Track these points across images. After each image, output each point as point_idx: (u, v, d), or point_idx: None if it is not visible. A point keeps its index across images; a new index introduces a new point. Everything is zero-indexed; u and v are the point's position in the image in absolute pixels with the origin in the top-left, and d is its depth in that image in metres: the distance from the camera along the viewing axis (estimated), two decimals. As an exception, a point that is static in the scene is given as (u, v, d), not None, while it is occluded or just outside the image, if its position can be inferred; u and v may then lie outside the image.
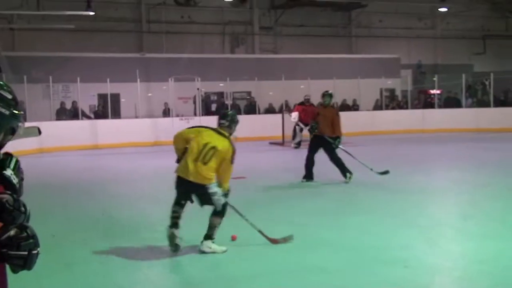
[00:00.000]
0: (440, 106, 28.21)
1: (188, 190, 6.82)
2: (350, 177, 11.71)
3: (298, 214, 9.01)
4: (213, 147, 6.65)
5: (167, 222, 6.91)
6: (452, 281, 5.68)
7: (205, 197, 6.73)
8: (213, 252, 6.64)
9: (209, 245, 6.66)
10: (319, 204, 9.84)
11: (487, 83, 28.07)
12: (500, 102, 27.74)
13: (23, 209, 2.75)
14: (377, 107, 28.33)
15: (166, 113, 25.05)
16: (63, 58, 24.08)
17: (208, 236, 6.69)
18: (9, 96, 2.51)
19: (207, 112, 24.94)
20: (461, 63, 33.36)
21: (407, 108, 28.18)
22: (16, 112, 2.53)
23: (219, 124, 7.01)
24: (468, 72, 31.25)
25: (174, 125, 23.13)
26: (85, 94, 23.74)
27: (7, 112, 2.48)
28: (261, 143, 21.27)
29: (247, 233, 7.66)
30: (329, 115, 12.12)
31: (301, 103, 20.38)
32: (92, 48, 25.85)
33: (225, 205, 6.73)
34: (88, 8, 23.81)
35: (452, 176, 12.98)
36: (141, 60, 26.25)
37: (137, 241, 7.49)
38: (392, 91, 30.48)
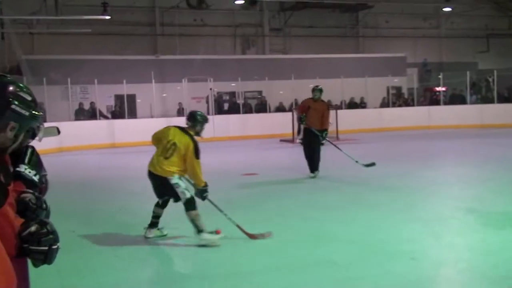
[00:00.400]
0: (445, 103, 28.08)
1: (156, 183, 7.26)
2: (316, 175, 11.89)
3: (308, 209, 9.02)
4: (174, 143, 7.04)
5: (183, 218, 6.95)
6: (457, 273, 5.67)
7: (169, 190, 7.01)
8: (213, 243, 6.76)
9: (203, 237, 6.78)
10: (327, 199, 9.84)
11: (491, 80, 27.92)
12: (504, 99, 27.63)
13: (44, 206, 2.78)
14: (384, 104, 28.28)
15: (180, 112, 25.08)
16: (81, 61, 24.19)
17: (198, 231, 6.80)
18: (29, 98, 2.54)
19: (219, 111, 24.97)
20: (465, 61, 33.16)
21: (413, 105, 28.10)
22: (36, 113, 2.56)
23: (186, 124, 7.35)
24: (473, 70, 31.04)
25: (188, 124, 23.21)
26: (103, 95, 23.86)
27: (27, 113, 2.50)
28: (272, 141, 21.28)
29: (258, 228, 7.69)
30: (320, 108, 12.15)
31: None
32: (109, 51, 25.98)
33: (190, 199, 6.87)
34: (105, 12, 23.89)
35: (456, 171, 12.94)
36: (155, 62, 26.31)
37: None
38: (398, 89, 30.39)
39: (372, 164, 12.04)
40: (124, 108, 23.64)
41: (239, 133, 22.26)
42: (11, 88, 2.50)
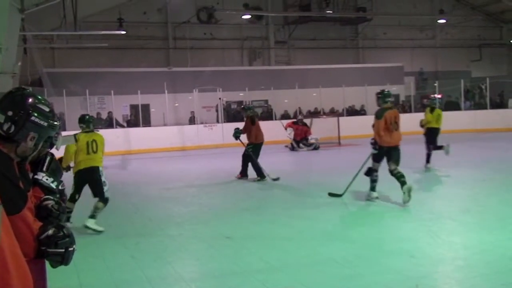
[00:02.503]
0: (441, 109, 27.94)
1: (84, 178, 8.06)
2: (260, 180, 12.49)
3: (311, 210, 8.97)
4: (94, 140, 8.15)
5: (194, 220, 6.94)
6: (454, 270, 5.62)
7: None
8: (94, 230, 7.65)
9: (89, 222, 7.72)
10: (328, 201, 9.77)
11: (483, 87, 27.87)
12: (496, 105, 27.56)
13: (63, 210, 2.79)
14: (383, 111, 28.19)
15: (192, 120, 25.15)
16: (98, 73, 24.29)
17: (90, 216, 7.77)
18: (47, 109, 2.54)
19: (228, 119, 24.98)
20: (459, 70, 33.13)
21: (410, 111, 28.01)
22: (54, 123, 2.57)
23: (80, 127, 8.48)
24: (466, 78, 31.01)
25: (199, 131, 23.31)
26: (119, 105, 23.95)
27: (45, 124, 2.51)
28: (277, 147, 21.26)
29: (261, 228, 7.69)
30: (245, 124, 13.28)
31: (295, 123, 21.26)
32: (124, 64, 26.07)
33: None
34: (120, 28, 23.98)
35: (452, 173, 12.86)
36: (168, 74, 26.37)
37: (165, 237, 7.52)
38: (396, 97, 30.33)
39: (277, 179, 12.37)
40: (139, 117, 23.71)
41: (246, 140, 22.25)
42: (30, 100, 2.51)
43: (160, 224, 8.40)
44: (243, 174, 12.99)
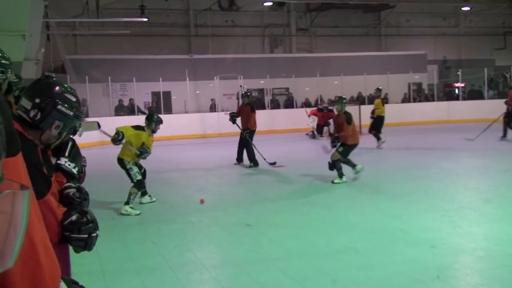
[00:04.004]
0: (464, 98, 27.71)
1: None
2: (253, 166, 12.99)
3: (331, 200, 8.99)
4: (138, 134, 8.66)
5: (214, 208, 6.96)
6: (475, 260, 5.58)
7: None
8: (128, 215, 8.09)
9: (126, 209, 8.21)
10: (350, 190, 9.77)
11: (508, 76, 27.49)
12: (521, 93, 27.12)
13: (86, 196, 2.82)
14: (405, 100, 28.01)
15: (213, 108, 25.20)
16: (120, 60, 24.42)
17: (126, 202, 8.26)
18: (73, 99, 2.57)
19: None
20: (483, 58, 32.71)
21: (433, 100, 27.77)
22: (79, 113, 2.59)
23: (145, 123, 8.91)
24: (490, 66, 30.59)
25: (220, 119, 23.36)
26: (140, 92, 24.08)
27: (71, 113, 2.54)
28: (299, 135, 21.24)
29: (281, 216, 7.70)
30: (244, 111, 13.61)
31: (320, 110, 21.28)
32: (146, 51, 26.18)
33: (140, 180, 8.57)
34: (142, 15, 24.05)
35: (474, 163, 12.74)
36: (189, 61, 26.43)
37: (186, 224, 7.58)
38: (419, 85, 30.10)
39: (274, 163, 12.91)
40: (160, 104, 23.82)
41: (267, 128, 22.21)
42: (57, 89, 2.53)
43: (181, 211, 8.46)
44: (240, 159, 13.57)
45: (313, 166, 12.74)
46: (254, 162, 13.04)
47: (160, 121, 8.90)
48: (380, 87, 18.06)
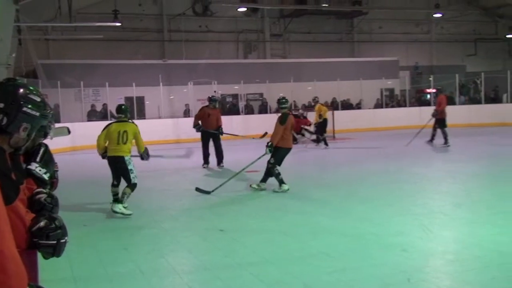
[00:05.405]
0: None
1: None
2: (222, 166, 13.79)
3: (304, 204, 9.02)
4: (126, 131, 8.58)
5: (188, 213, 6.95)
6: (445, 264, 5.66)
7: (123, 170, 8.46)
8: (122, 213, 8.16)
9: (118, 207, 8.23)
10: (322, 195, 9.83)
11: (478, 82, 27.95)
12: (491, 99, 27.66)
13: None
14: (378, 105, 28.28)
15: (187, 113, 25.12)
16: (93, 65, 24.24)
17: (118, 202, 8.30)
18: (38, 99, 2.54)
19: (223, 112, 24.95)
20: (454, 64, 33.21)
21: (405, 106, 28.08)
22: (45, 112, 2.57)
23: (118, 117, 9.00)
24: (461, 72, 31.09)
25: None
26: (113, 97, 23.83)
27: (37, 114, 2.51)
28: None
29: (255, 221, 7.72)
30: (215, 113, 14.16)
31: (296, 116, 21.22)
32: (119, 56, 26.04)
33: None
34: (115, 19, 23.90)
35: (445, 167, 12.91)
36: (163, 66, 26.34)
37: (159, 230, 7.55)
38: (391, 91, 30.42)
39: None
40: (133, 110, 23.62)
41: (242, 133, 22.22)
42: (20, 91, 2.50)
43: (154, 217, 8.42)
44: (207, 161, 14.26)
45: (287, 172, 12.78)
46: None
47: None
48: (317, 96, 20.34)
